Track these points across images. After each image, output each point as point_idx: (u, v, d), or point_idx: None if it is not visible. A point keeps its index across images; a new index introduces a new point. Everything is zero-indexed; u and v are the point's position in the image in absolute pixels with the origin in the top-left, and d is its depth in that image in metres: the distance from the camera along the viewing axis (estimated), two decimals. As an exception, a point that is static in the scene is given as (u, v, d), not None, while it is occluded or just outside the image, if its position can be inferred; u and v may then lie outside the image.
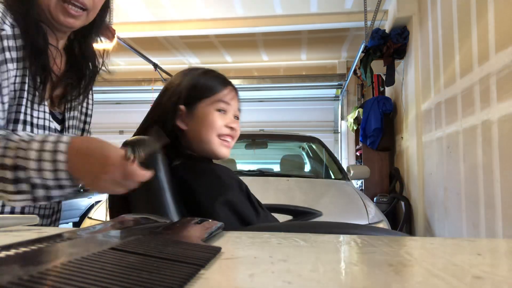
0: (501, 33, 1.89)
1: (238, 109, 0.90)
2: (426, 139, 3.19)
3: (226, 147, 0.86)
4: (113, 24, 3.37)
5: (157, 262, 0.28)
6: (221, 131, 0.84)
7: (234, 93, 0.89)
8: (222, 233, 0.49)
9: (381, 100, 4.13)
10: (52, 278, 0.22)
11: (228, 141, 0.86)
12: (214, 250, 0.35)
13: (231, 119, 0.86)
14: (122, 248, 0.30)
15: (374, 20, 3.42)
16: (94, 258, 0.27)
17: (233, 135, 0.87)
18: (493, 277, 0.30)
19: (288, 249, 0.40)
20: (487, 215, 2.06)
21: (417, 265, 0.34)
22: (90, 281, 0.22)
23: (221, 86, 0.86)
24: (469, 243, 0.46)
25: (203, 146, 0.84)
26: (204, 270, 0.29)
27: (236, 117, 0.89)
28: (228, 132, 0.85)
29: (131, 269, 0.26)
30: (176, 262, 0.29)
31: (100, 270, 0.24)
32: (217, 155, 0.85)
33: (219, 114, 0.84)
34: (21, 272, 0.22)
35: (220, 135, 0.84)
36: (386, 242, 0.44)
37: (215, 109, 0.84)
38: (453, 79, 2.53)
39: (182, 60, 6.25)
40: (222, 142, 0.84)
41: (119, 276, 0.24)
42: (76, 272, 0.23)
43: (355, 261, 0.37)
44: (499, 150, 1.92)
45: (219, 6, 4.17)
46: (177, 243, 0.37)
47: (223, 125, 0.84)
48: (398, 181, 3.99)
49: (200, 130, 0.83)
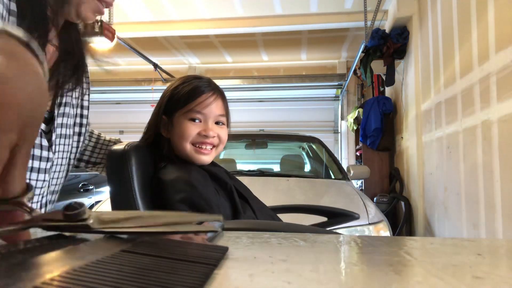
0: (501, 33, 1.90)
1: (221, 114, 0.93)
2: (426, 139, 3.19)
3: (203, 154, 0.90)
4: (113, 24, 3.37)
5: (171, 263, 0.28)
6: (193, 139, 0.89)
7: (212, 99, 0.92)
8: (222, 233, 0.49)
9: (381, 100, 4.13)
10: (73, 282, 0.22)
11: (204, 148, 0.90)
12: (223, 249, 0.35)
13: (207, 126, 0.90)
14: (133, 250, 0.30)
15: (374, 20, 3.42)
16: (108, 261, 0.27)
17: (211, 142, 0.91)
18: (493, 277, 0.30)
19: (288, 249, 0.40)
20: (487, 215, 2.07)
21: (417, 265, 0.34)
22: (112, 283, 0.22)
23: (195, 96, 0.90)
24: (469, 243, 0.46)
25: (180, 153, 0.91)
26: (217, 269, 0.29)
27: (218, 122, 0.93)
28: (202, 140, 0.89)
29: (148, 270, 0.26)
30: (190, 262, 0.29)
31: (118, 272, 0.24)
32: (194, 161, 0.90)
33: (191, 124, 0.89)
34: (34, 280, 0.21)
35: (194, 143, 0.89)
36: (386, 242, 0.44)
37: (188, 118, 0.89)
38: (453, 79, 2.53)
39: (182, 60, 6.25)
40: (197, 150, 0.90)
41: (138, 278, 0.24)
42: (95, 275, 0.23)
43: (355, 261, 0.37)
44: (499, 150, 1.92)
45: (219, 6, 4.17)
46: (185, 244, 0.37)
47: (196, 133, 0.89)
48: (398, 181, 3.99)
49: (176, 139, 0.90)
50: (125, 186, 0.83)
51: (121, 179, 0.84)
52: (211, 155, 0.93)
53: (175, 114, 0.91)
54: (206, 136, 0.90)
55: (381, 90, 4.65)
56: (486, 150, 2.05)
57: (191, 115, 0.90)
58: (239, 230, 0.52)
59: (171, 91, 0.94)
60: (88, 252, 0.30)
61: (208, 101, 0.91)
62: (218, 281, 0.27)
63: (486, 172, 2.05)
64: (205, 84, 0.94)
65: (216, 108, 0.93)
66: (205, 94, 0.92)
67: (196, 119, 0.90)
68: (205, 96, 0.91)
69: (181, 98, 0.91)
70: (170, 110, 0.92)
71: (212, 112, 0.91)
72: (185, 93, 0.91)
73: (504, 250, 0.44)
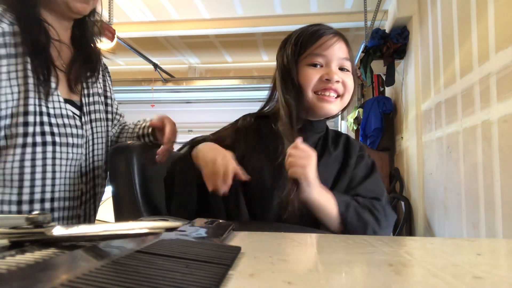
0: (501, 33, 1.89)
1: (346, 57, 0.86)
2: (426, 139, 3.19)
3: (326, 102, 0.85)
4: (113, 24, 3.37)
5: (186, 263, 0.28)
6: (315, 86, 0.84)
7: (334, 40, 0.85)
8: (232, 233, 0.49)
9: (381, 100, 4.13)
10: (90, 283, 0.22)
11: (328, 95, 0.86)
12: (236, 250, 0.35)
13: (329, 70, 0.84)
14: (148, 251, 0.31)
15: (374, 20, 3.42)
16: (124, 262, 0.27)
17: (335, 88, 0.84)
18: (493, 277, 0.30)
19: (288, 249, 0.40)
20: (487, 215, 2.06)
21: (417, 265, 0.34)
22: (128, 284, 0.22)
23: (314, 39, 0.85)
24: (469, 243, 0.46)
25: (303, 105, 0.86)
26: (232, 270, 0.29)
27: (343, 68, 0.86)
28: (325, 86, 0.83)
29: (164, 270, 0.26)
30: (204, 262, 0.29)
31: (135, 272, 0.24)
32: (318, 113, 0.87)
33: (312, 69, 0.83)
34: (52, 280, 0.21)
35: (316, 90, 0.84)
36: (386, 242, 0.44)
37: (308, 64, 0.84)
38: (453, 79, 2.53)
39: (182, 60, 6.24)
40: (320, 97, 0.85)
41: (155, 277, 0.24)
42: (112, 275, 0.23)
43: (355, 261, 0.37)
44: (499, 150, 1.91)
45: (219, 6, 4.17)
46: (198, 244, 0.37)
47: (317, 79, 0.84)
48: (398, 181, 3.99)
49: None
50: (127, 186, 0.83)
51: (123, 179, 0.85)
52: (335, 104, 0.83)
53: (298, 64, 0.83)
54: (328, 80, 0.80)
55: (381, 90, 4.65)
56: (486, 150, 2.05)
57: (311, 59, 0.81)
58: (244, 231, 0.52)
59: (293, 43, 0.84)
60: (103, 254, 0.30)
61: (329, 43, 0.82)
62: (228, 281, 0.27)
63: (486, 172, 2.05)
64: (325, 27, 0.86)
65: (340, 50, 0.83)
66: (325, 35, 0.83)
67: (317, 64, 0.81)
68: (325, 38, 0.82)
69: (301, 45, 0.82)
70: (295, 61, 0.83)
71: (335, 54, 0.82)
72: (305, 38, 0.83)
73: (504, 250, 0.44)
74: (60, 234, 0.34)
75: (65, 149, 0.87)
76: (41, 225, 0.34)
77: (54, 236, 0.33)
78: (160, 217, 0.56)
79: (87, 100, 0.98)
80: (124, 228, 0.38)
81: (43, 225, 0.34)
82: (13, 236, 0.34)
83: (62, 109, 0.88)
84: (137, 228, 0.39)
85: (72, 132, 0.89)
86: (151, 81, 6.05)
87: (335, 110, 0.83)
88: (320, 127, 0.90)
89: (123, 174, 0.86)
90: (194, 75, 6.42)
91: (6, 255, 0.29)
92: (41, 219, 0.34)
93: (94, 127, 0.98)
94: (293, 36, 0.87)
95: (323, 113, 0.83)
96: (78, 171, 0.92)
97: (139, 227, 0.40)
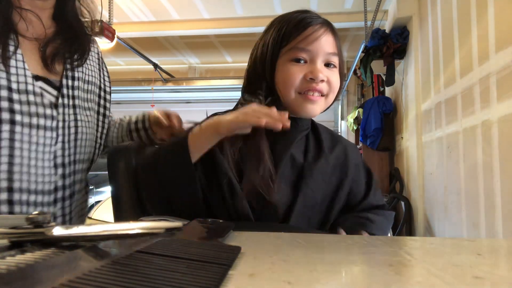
0: (501, 33, 1.89)
1: (333, 52, 0.79)
2: (426, 139, 3.19)
3: (309, 101, 0.79)
4: (113, 24, 3.37)
5: (186, 263, 0.28)
6: (299, 86, 0.78)
7: (320, 32, 0.78)
8: (232, 233, 0.49)
9: (381, 100, 4.13)
10: (89, 284, 0.22)
11: (311, 94, 0.80)
12: (236, 250, 0.35)
13: (314, 67, 0.77)
14: (148, 251, 0.31)
15: (374, 20, 3.42)
16: (124, 262, 0.27)
17: (319, 89, 0.78)
18: (493, 277, 0.30)
19: (288, 249, 0.40)
20: (487, 215, 2.06)
21: (417, 265, 0.34)
22: (128, 284, 0.22)
23: (299, 29, 0.79)
24: (469, 243, 0.46)
25: (286, 104, 0.81)
26: (232, 270, 0.30)
27: (329, 64, 0.79)
28: (308, 86, 0.77)
29: (164, 270, 0.26)
30: (204, 262, 0.29)
31: (134, 272, 0.25)
32: (301, 114, 0.82)
33: (295, 65, 0.77)
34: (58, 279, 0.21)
35: (300, 91, 0.78)
36: (386, 242, 0.44)
37: (291, 59, 0.78)
38: (453, 79, 2.53)
39: (182, 60, 6.25)
40: (304, 97, 0.79)
41: (155, 277, 0.24)
42: (112, 275, 0.23)
43: (355, 261, 0.37)
44: (499, 150, 1.91)
45: (219, 6, 4.17)
46: (198, 244, 0.37)
47: (301, 77, 0.77)
48: (398, 181, 3.99)
49: (280, 88, 0.80)
50: (127, 186, 0.83)
51: (123, 179, 0.84)
52: (319, 103, 0.75)
53: (279, 58, 0.75)
54: (313, 79, 0.73)
55: (381, 90, 4.65)
56: (486, 150, 2.05)
57: (294, 54, 0.73)
58: (242, 231, 0.52)
59: (276, 29, 0.76)
60: (103, 254, 0.30)
61: (316, 35, 0.73)
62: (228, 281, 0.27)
63: (486, 172, 2.05)
64: (313, 15, 0.77)
65: (326, 44, 0.74)
66: (312, 26, 0.75)
67: (300, 59, 0.73)
68: (312, 29, 0.74)
69: (284, 36, 0.74)
70: (274, 53, 0.76)
71: (321, 48, 0.73)
72: (289, 27, 0.75)
73: (504, 250, 0.44)
74: (60, 234, 0.34)
75: (27, 130, 0.76)
76: (41, 225, 0.34)
77: (54, 236, 0.33)
78: (160, 217, 0.56)
79: (70, 83, 0.86)
80: (124, 228, 0.38)
81: (43, 225, 0.34)
82: (13, 236, 0.34)
83: (29, 84, 0.77)
84: (137, 228, 0.39)
85: (38, 112, 0.78)
86: (151, 81, 6.05)
87: (318, 111, 0.77)
88: (305, 124, 0.84)
89: (123, 174, 0.86)
90: (194, 75, 6.42)
91: (6, 255, 0.29)
92: (41, 219, 0.34)
93: (78, 114, 0.86)
94: (276, 23, 0.80)
95: (305, 113, 0.77)
96: (50, 159, 0.80)
97: (139, 227, 0.40)
